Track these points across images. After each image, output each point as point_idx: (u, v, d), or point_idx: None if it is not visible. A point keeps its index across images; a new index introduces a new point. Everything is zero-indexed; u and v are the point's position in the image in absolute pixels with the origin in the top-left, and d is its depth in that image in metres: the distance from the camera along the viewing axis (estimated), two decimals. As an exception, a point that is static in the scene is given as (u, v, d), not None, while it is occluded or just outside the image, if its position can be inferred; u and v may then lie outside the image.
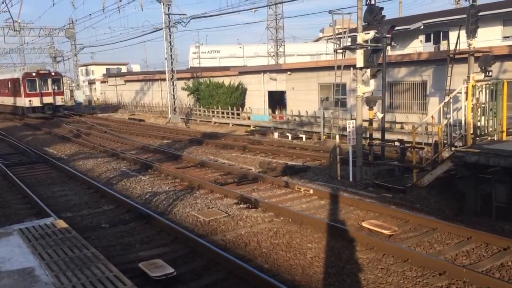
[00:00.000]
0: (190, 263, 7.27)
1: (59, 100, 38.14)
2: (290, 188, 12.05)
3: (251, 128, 27.66)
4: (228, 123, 30.49)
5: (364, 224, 8.87)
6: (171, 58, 33.76)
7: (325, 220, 9.26)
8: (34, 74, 36.95)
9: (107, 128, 28.81)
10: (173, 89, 33.85)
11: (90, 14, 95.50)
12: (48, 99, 37.28)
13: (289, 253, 7.68)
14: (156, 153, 18.83)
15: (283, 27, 45.94)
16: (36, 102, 36.83)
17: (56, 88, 38.01)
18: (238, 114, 31.02)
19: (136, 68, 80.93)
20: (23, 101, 37.19)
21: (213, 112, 32.76)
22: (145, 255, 7.61)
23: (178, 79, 35.22)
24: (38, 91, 36.88)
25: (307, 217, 9.32)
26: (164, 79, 35.86)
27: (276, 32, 45.61)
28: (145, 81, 47.81)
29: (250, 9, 30.04)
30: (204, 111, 34.01)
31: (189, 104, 36.96)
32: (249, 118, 30.09)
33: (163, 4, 32.33)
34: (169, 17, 32.83)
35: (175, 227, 8.75)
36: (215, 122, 31.67)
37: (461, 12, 23.86)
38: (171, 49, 33.49)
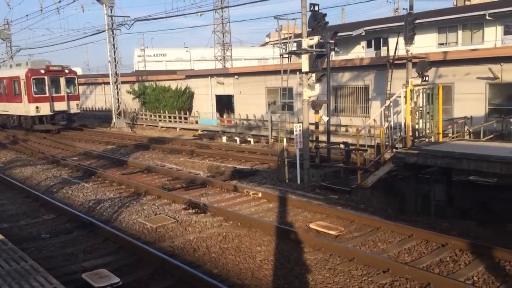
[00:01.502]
0: (137, 272, 7.07)
1: (74, 107, 28.71)
2: (239, 192, 12.05)
3: (199, 132, 27.44)
4: (176, 128, 30.07)
5: (311, 225, 9.03)
6: (115, 61, 32.84)
7: (274, 223, 9.34)
8: (42, 72, 27.23)
9: (46, 133, 27.52)
10: (118, 93, 32.94)
11: (27, 15, 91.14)
12: (60, 105, 27.90)
13: (239, 257, 7.66)
14: (100, 159, 18.21)
15: (230, 31, 46.08)
16: (45, 109, 27.33)
17: (70, 90, 28.66)
18: (185, 118, 30.68)
19: (77, 71, 77.87)
20: (26, 108, 27.54)
21: (160, 116, 32.20)
22: (89, 265, 7.31)
23: (123, 82, 34.32)
24: (47, 95, 27.37)
25: (256, 220, 9.35)
26: (108, 83, 34.78)
27: (223, 36, 45.65)
28: (88, 84, 46.20)
29: (196, 12, 29.87)
30: (151, 116, 33.35)
31: (135, 109, 36.11)
32: (197, 122, 29.86)
33: (106, 6, 31.41)
34: (112, 19, 31.94)
35: (121, 235, 8.48)
36: (162, 127, 31.13)
37: (400, 20, 24.98)
38: (114, 51, 32.58)
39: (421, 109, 11.99)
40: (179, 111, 31.11)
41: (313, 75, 12.88)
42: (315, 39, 12.20)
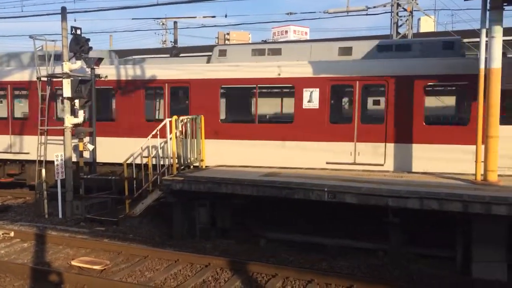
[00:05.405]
0: None
1: None
2: (-16, 233, 10.30)
3: None
4: None
5: (74, 262, 8.37)
6: None
7: (28, 264, 8.30)
8: None
9: None
10: None
11: None
12: None
13: (-20, 311, 6.48)
14: None
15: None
16: None
17: None
18: None
19: None
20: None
21: None
22: None
23: None
24: None
25: (5, 264, 8.17)
26: None
27: (-32, 51, 39.15)
28: None
29: None
30: None
31: None
32: None
33: None
34: None
35: None
36: None
37: (166, 51, 26.10)
38: None
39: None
40: None
41: (77, 101, 12.17)
42: (78, 64, 11.63)
